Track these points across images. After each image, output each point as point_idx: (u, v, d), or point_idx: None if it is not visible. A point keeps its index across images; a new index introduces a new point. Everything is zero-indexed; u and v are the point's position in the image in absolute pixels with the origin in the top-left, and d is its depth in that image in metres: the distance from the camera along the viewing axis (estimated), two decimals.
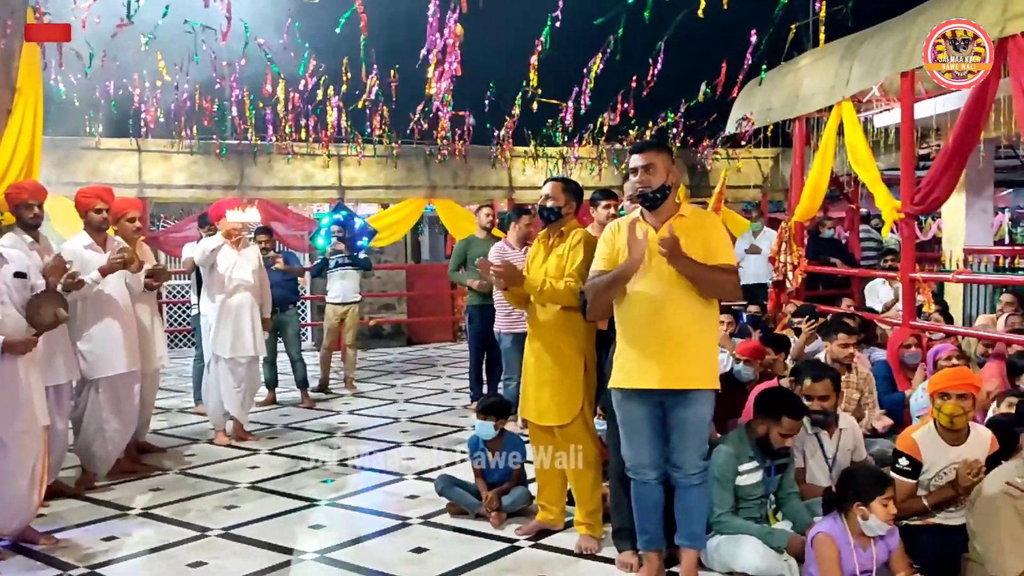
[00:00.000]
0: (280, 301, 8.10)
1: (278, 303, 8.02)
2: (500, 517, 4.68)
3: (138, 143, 11.52)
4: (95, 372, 5.41)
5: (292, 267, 8.50)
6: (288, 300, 8.40)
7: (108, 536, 4.60)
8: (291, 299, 8.52)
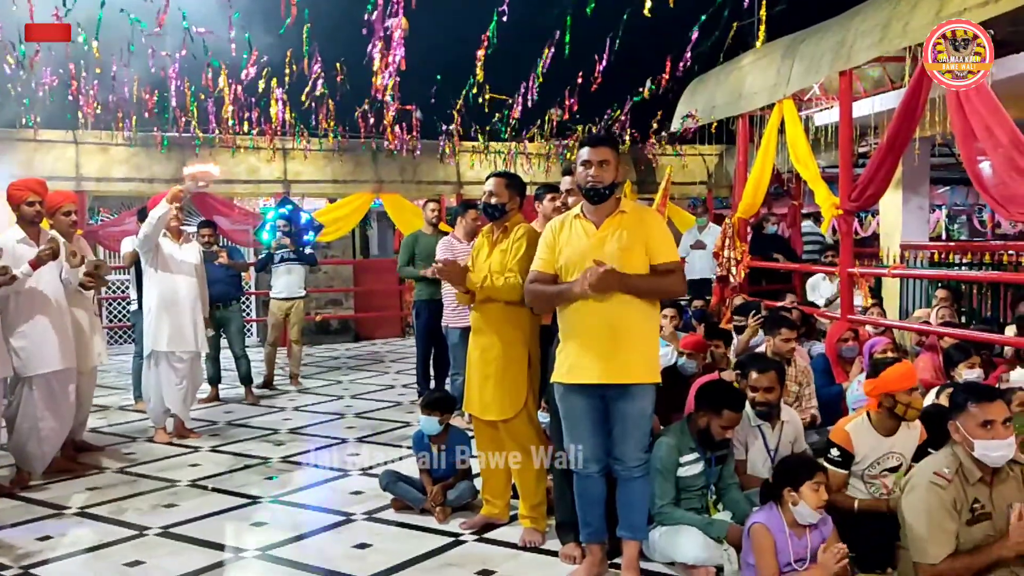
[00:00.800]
0: (223, 297, 8.00)
1: (221, 299, 7.92)
2: (445, 512, 4.67)
3: (75, 135, 11.24)
4: (29, 369, 5.28)
5: (236, 262, 8.36)
6: (231, 296, 8.28)
7: (43, 536, 4.49)
8: (234, 295, 8.39)
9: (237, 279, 8.47)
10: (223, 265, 8.00)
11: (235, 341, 8.27)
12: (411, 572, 3.96)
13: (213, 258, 7.86)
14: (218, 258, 7.96)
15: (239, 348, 8.28)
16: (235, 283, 8.43)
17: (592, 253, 3.63)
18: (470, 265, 4.44)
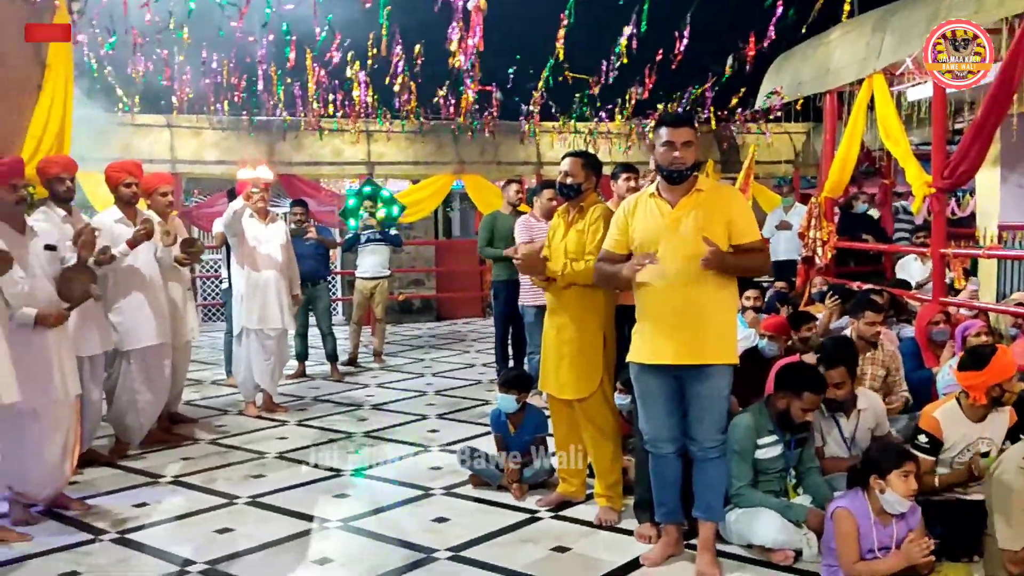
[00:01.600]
0: (311, 275, 8.18)
1: (309, 277, 8.11)
2: (522, 489, 4.73)
3: (169, 119, 11.65)
4: (126, 344, 5.52)
5: (325, 238, 8.55)
6: (319, 275, 8.45)
7: (139, 503, 4.72)
8: (322, 273, 8.56)
9: (325, 258, 8.65)
10: (312, 240, 8.19)
11: (322, 319, 8.45)
12: (488, 547, 4.03)
13: (302, 234, 8.07)
14: (307, 234, 8.15)
15: (326, 326, 8.45)
16: (323, 262, 8.60)
17: (667, 233, 3.60)
18: (547, 244, 4.46)
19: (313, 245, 8.23)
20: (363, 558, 3.93)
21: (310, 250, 8.17)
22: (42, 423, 4.35)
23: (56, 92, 5.81)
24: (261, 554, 3.99)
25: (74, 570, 3.81)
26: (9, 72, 5.53)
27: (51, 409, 4.39)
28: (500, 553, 3.95)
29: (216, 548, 4.05)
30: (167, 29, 8.64)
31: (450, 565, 3.83)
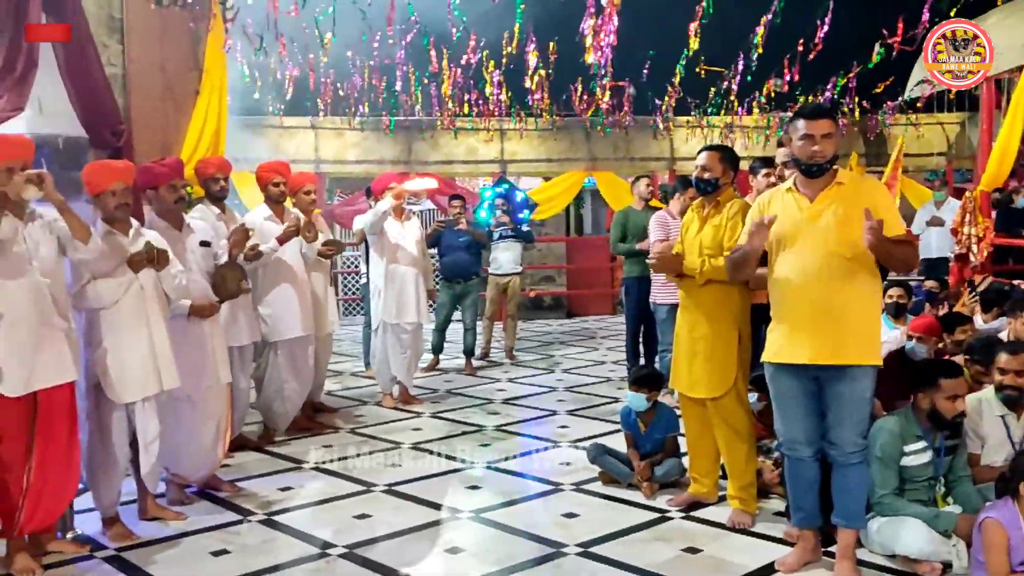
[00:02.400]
0: (464, 271, 8.37)
1: (462, 273, 8.31)
2: (652, 487, 4.69)
3: (313, 121, 12.16)
4: (274, 335, 5.80)
5: (477, 231, 8.61)
6: (472, 270, 8.55)
7: (284, 487, 4.96)
8: (475, 269, 8.62)
9: (478, 255, 8.72)
10: (466, 237, 8.30)
11: (467, 314, 8.56)
12: (617, 544, 4.02)
13: (455, 224, 8.24)
14: (459, 223, 8.32)
15: (470, 321, 8.55)
16: (476, 258, 8.66)
17: (806, 228, 3.48)
18: (680, 241, 4.40)
19: (467, 241, 8.34)
20: (493, 549, 3.99)
21: (463, 246, 8.34)
22: (197, 408, 4.63)
23: (212, 96, 6.18)
24: (396, 540, 4.12)
25: (224, 548, 4.04)
26: (170, 78, 5.92)
27: (205, 395, 4.66)
28: (629, 551, 3.92)
29: (354, 533, 4.21)
30: (312, 34, 9.00)
31: (579, 560, 3.84)
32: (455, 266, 8.38)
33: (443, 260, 8.57)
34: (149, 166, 4.58)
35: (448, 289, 8.56)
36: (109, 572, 3.81)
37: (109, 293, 4.01)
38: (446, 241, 8.41)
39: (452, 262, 8.45)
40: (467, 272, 8.45)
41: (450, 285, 8.53)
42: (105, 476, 4.15)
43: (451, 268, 8.47)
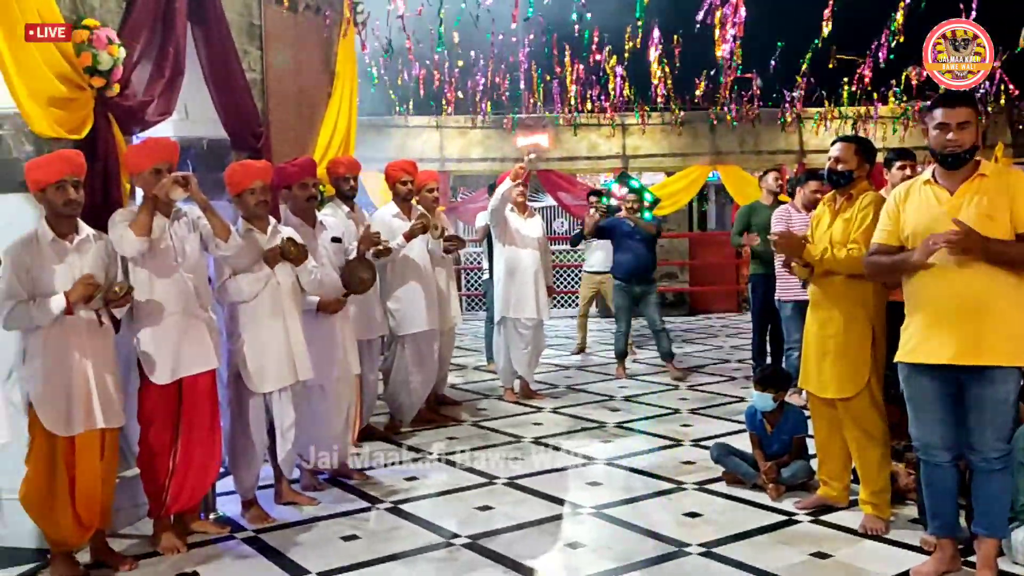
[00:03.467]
0: (645, 270, 7.92)
1: (641, 272, 7.88)
2: (778, 489, 4.57)
3: (438, 120, 12.41)
4: (401, 329, 5.96)
5: (647, 223, 7.98)
6: (652, 269, 8.03)
7: (409, 476, 5.09)
8: (654, 268, 8.09)
9: (654, 254, 8.07)
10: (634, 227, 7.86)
11: (654, 315, 8.01)
12: (741, 546, 3.94)
13: (615, 210, 8.14)
14: (619, 211, 8.10)
15: (659, 321, 8.03)
16: (654, 257, 8.05)
17: (945, 222, 3.31)
18: (809, 236, 4.27)
19: (643, 236, 7.86)
20: (613, 546, 3.99)
21: (639, 241, 7.85)
22: (328, 398, 4.82)
23: (343, 98, 6.41)
24: (518, 533, 4.17)
25: (354, 534, 4.19)
26: (304, 81, 6.18)
27: (336, 386, 4.85)
28: (755, 553, 3.84)
29: (477, 524, 4.29)
30: (437, 36, 9.18)
31: (702, 561, 3.79)
32: (632, 265, 7.85)
33: (617, 258, 8.10)
34: (284, 166, 4.80)
35: (624, 291, 8.01)
36: (248, 552, 4.01)
37: (249, 288, 4.22)
38: (620, 237, 7.95)
39: (628, 261, 7.93)
40: (646, 271, 7.93)
41: (627, 286, 7.98)
42: (244, 461, 4.37)
43: (627, 267, 7.95)
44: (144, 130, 4.48)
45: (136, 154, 3.96)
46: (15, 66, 3.59)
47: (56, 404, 3.49)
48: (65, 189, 3.52)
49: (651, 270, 8.02)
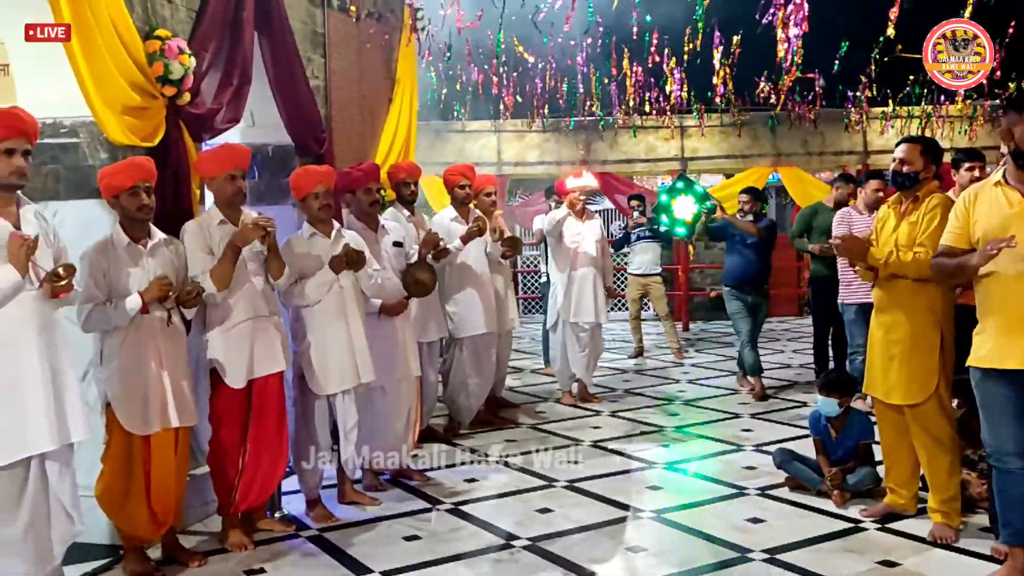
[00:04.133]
0: (756, 278, 7.24)
1: (752, 280, 7.21)
2: (843, 496, 4.49)
3: (496, 124, 12.48)
4: (460, 332, 6.01)
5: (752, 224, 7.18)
6: (763, 278, 7.33)
7: (469, 478, 5.13)
8: (767, 276, 7.41)
9: (766, 260, 7.28)
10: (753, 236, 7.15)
11: (757, 330, 7.43)
12: (806, 552, 3.88)
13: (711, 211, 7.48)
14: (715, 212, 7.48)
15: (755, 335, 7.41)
16: (764, 265, 7.26)
17: (1016, 224, 3.23)
18: (873, 238, 4.19)
19: (756, 242, 7.14)
20: (675, 551, 3.97)
21: (752, 247, 7.15)
22: (389, 399, 4.88)
23: (403, 104, 6.50)
24: (578, 536, 4.17)
25: (415, 534, 4.24)
26: (366, 88, 6.27)
27: (397, 387, 4.91)
28: (819, 560, 3.78)
29: (537, 526, 4.29)
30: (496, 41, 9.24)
31: (765, 567, 3.75)
32: (740, 272, 7.18)
33: (727, 262, 7.48)
34: (348, 171, 4.88)
35: (736, 298, 7.25)
36: (312, 551, 4.08)
37: (313, 292, 4.30)
38: (730, 241, 7.33)
39: (736, 266, 7.26)
40: (757, 279, 7.23)
41: (739, 292, 7.23)
42: (308, 460, 4.45)
43: (735, 274, 7.27)
44: (213, 137, 4.61)
45: (211, 159, 4.07)
46: (91, 76, 3.71)
47: (133, 404, 3.60)
48: (138, 195, 3.63)
49: (763, 278, 7.26)
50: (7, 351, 3.06)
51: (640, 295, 9.34)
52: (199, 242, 3.92)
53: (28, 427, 3.07)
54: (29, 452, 3.09)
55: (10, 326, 3.06)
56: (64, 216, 3.91)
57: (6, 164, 3.08)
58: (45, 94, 3.88)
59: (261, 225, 3.90)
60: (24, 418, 3.07)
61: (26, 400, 3.07)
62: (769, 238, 7.21)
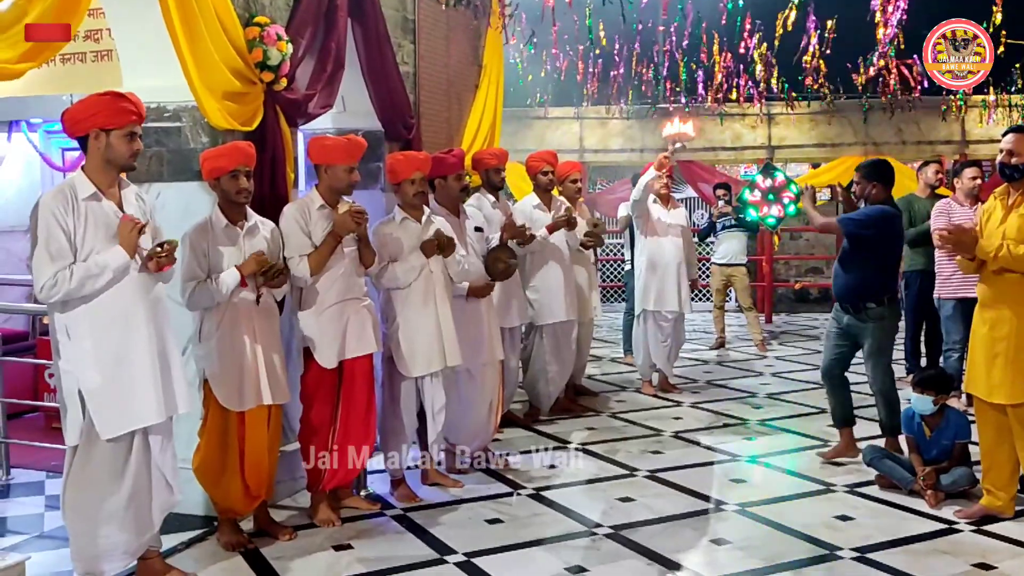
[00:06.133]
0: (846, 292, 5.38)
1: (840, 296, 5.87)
2: (937, 496, 4.35)
3: (578, 111, 12.41)
4: (540, 318, 6.01)
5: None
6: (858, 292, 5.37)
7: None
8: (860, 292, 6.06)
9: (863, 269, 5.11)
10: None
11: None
12: (897, 553, 3.78)
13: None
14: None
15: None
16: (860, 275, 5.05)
17: None
18: (978, 230, 4.04)
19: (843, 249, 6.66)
20: (761, 545, 3.91)
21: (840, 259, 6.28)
22: (474, 382, 4.93)
23: (489, 90, 6.53)
24: (660, 526, 4.15)
25: (497, 517, 4.27)
26: (453, 73, 6.32)
27: (482, 371, 4.95)
28: (911, 561, 3.68)
29: (618, 515, 4.29)
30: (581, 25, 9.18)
31: (855, 566, 3.66)
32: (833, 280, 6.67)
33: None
34: (441, 157, 4.90)
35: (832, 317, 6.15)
36: (397, 529, 4.16)
37: (404, 276, 4.37)
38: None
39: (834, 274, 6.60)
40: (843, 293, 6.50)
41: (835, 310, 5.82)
42: (395, 441, 4.53)
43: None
44: (307, 122, 4.72)
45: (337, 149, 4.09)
46: (194, 62, 3.83)
47: (230, 381, 3.71)
48: (238, 178, 3.73)
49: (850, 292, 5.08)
50: (118, 327, 3.19)
51: (724, 285, 9.21)
52: (298, 225, 4.02)
53: (136, 401, 3.20)
54: (137, 425, 3.22)
55: (121, 303, 3.19)
56: (166, 198, 4.06)
57: (129, 147, 3.22)
58: (149, 80, 4.01)
59: (358, 212, 3.97)
60: (133, 392, 3.20)
61: (135, 375, 3.20)
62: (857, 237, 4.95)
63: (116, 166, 3.24)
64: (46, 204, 3.13)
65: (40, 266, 3.10)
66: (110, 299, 3.17)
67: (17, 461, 4.98)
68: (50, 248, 3.09)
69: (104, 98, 3.19)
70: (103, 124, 3.17)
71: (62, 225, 3.11)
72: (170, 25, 3.73)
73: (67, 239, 3.11)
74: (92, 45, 5.10)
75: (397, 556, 3.82)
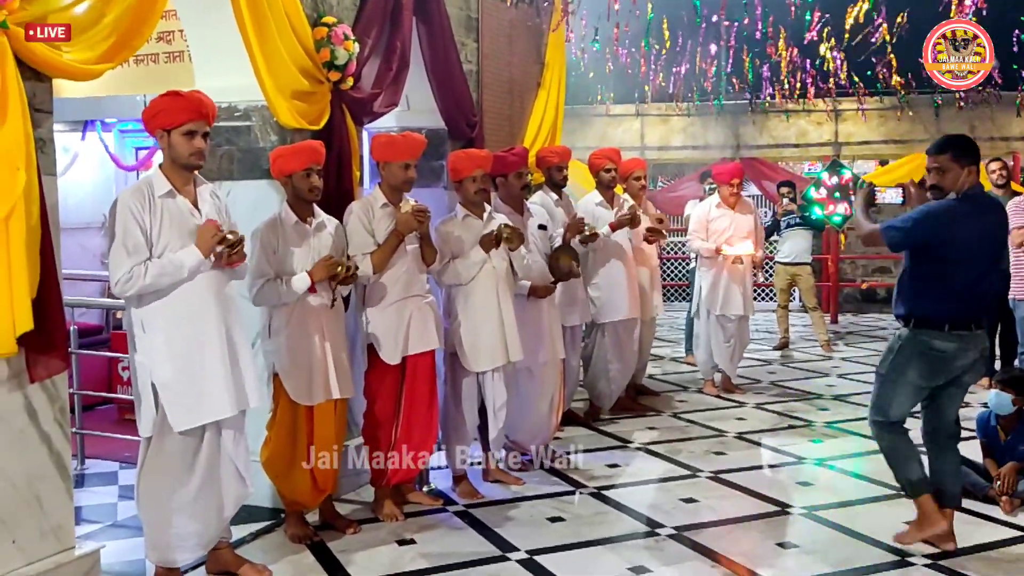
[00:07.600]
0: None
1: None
2: (1012, 503, 4.23)
3: (640, 108, 12.32)
4: (602, 317, 5.97)
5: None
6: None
7: (611, 463, 5.11)
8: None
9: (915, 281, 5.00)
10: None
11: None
12: (972, 560, 3.68)
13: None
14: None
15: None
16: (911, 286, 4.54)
17: None
18: None
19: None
20: (830, 550, 3.83)
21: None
22: (535, 380, 4.93)
23: (551, 88, 6.51)
24: (724, 528, 4.10)
25: (559, 516, 4.26)
26: (516, 72, 6.32)
27: (542, 369, 4.94)
28: (988, 568, 3.59)
29: (681, 516, 4.25)
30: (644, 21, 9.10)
31: (929, 572, 3.58)
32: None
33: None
34: (503, 155, 4.91)
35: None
36: (459, 525, 4.18)
37: (465, 272, 4.38)
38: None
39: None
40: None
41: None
42: (456, 437, 4.55)
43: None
44: (372, 121, 4.76)
45: (391, 146, 4.13)
46: (264, 62, 3.89)
47: (300, 376, 3.77)
48: (309, 176, 3.78)
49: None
50: (191, 323, 3.26)
51: (788, 284, 9.05)
52: (361, 224, 4.06)
53: (208, 395, 3.27)
54: (209, 419, 3.29)
55: (194, 299, 3.26)
56: (236, 195, 4.13)
57: (187, 145, 3.26)
58: (220, 80, 4.10)
59: (420, 211, 4.01)
60: (205, 386, 3.26)
61: (206, 369, 3.27)
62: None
63: (179, 165, 3.28)
64: (124, 200, 3.22)
65: (117, 261, 3.18)
66: (183, 295, 3.23)
67: (92, 452, 5.15)
68: (127, 243, 3.17)
69: (164, 98, 3.25)
70: (164, 124, 3.24)
71: (139, 221, 3.18)
72: (241, 26, 3.80)
73: (143, 235, 3.18)
74: (164, 46, 5.22)
75: (459, 552, 3.84)
